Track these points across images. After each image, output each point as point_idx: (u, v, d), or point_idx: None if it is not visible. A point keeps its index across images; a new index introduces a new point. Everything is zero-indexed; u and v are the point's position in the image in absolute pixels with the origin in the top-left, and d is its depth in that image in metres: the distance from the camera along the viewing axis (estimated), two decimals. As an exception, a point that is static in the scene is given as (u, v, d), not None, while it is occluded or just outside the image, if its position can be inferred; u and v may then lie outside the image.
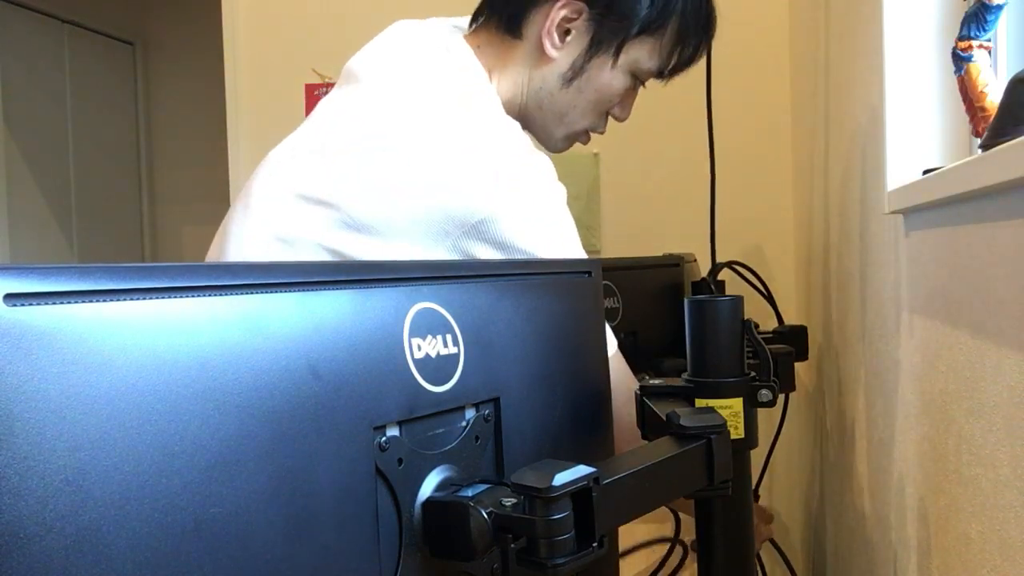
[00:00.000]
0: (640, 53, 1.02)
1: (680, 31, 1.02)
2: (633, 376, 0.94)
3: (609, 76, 1.02)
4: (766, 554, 1.32)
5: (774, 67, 2.03)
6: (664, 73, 1.06)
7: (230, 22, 2.34)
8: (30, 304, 0.33)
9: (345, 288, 0.47)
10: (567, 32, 1.00)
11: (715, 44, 1.08)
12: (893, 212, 0.90)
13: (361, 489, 0.46)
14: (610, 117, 1.08)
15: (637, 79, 1.05)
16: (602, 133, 1.10)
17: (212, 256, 0.97)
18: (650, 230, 2.11)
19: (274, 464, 0.41)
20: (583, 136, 1.09)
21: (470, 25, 1.07)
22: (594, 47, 1.00)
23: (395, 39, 1.00)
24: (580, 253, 0.93)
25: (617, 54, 1.00)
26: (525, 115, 1.05)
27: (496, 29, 1.03)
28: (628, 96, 1.07)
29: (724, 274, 1.38)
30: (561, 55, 1.00)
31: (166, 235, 4.53)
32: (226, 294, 0.40)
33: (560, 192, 0.93)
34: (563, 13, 0.99)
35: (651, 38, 1.01)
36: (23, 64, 3.82)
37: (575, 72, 1.01)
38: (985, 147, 0.66)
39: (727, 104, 2.06)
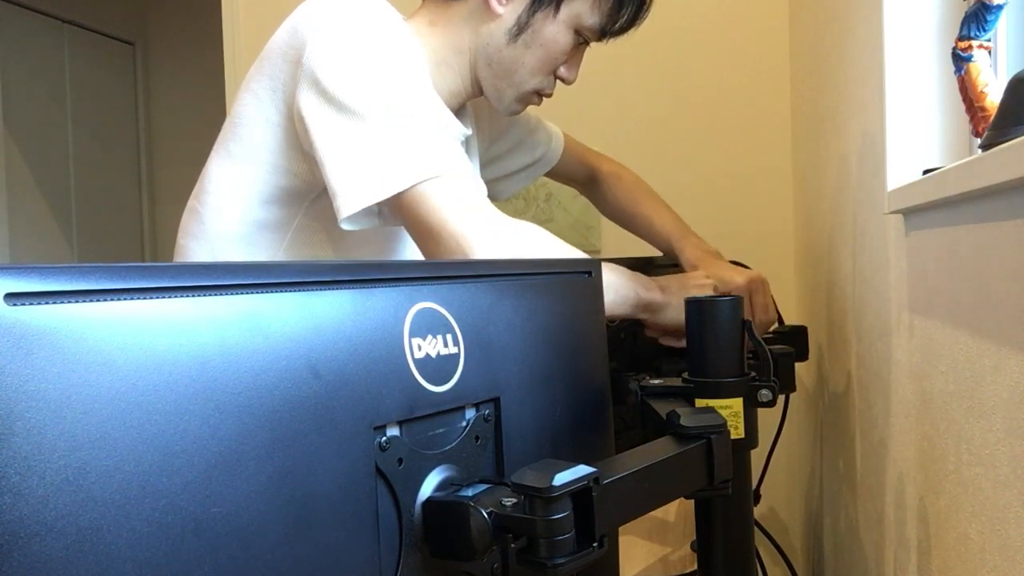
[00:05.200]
0: (582, 7, 1.04)
1: None
2: None
3: (553, 31, 1.05)
4: (766, 554, 1.32)
5: (774, 67, 2.03)
6: (607, 32, 1.08)
7: (230, 22, 2.34)
8: (30, 304, 0.33)
9: (345, 288, 0.47)
10: None
11: (715, 44, 1.08)
12: (893, 212, 0.90)
13: (361, 489, 0.46)
14: (558, 80, 1.11)
15: (581, 36, 1.08)
16: (549, 95, 1.12)
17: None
18: (650, 230, 2.10)
19: (274, 464, 0.41)
20: (534, 97, 1.11)
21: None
22: (537, 1, 1.03)
23: None
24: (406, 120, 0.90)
25: (558, 6, 1.03)
26: (476, 76, 1.08)
27: None
28: (574, 56, 1.10)
29: (724, 274, 1.37)
30: (507, 11, 1.04)
31: (166, 235, 4.53)
32: (226, 294, 0.40)
33: (394, 49, 0.92)
34: None
35: None
36: (23, 64, 3.83)
37: (520, 27, 1.04)
38: (985, 147, 0.66)
39: (727, 104, 2.06)
